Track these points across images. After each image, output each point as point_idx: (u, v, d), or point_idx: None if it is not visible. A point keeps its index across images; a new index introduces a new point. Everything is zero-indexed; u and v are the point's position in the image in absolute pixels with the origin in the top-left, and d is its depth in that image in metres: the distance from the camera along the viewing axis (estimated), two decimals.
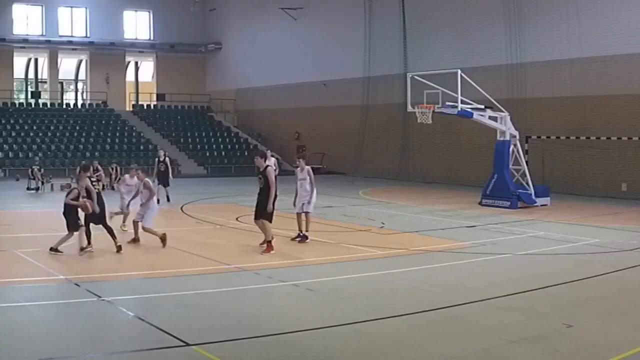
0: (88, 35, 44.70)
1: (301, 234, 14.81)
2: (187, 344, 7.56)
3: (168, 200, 22.39)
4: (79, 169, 14.74)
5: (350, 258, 13.25)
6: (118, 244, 13.24)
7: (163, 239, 13.97)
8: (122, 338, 7.84)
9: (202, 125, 44.84)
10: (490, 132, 23.65)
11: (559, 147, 26.87)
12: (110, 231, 13.44)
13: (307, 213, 14.76)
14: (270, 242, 13.45)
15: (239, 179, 33.99)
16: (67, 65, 47.20)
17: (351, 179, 32.48)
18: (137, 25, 47.03)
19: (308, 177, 14.77)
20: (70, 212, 13.15)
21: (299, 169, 15.03)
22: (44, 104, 43.09)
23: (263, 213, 13.43)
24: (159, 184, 22.02)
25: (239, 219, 18.16)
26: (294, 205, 14.95)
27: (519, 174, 22.59)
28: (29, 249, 13.08)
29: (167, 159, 23.30)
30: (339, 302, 9.70)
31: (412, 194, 26.90)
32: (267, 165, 13.92)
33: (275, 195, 13.65)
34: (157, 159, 23.29)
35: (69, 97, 47.65)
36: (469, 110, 21.46)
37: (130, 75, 48.69)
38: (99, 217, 13.52)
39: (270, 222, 13.51)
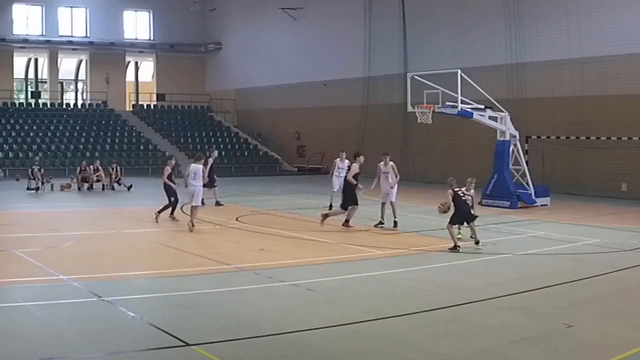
0: (88, 35, 44.70)
1: (383, 222, 16.89)
2: (187, 344, 7.56)
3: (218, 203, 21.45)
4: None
5: (350, 258, 13.25)
6: None
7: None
8: (122, 338, 7.83)
9: (202, 125, 44.84)
10: (490, 132, 23.65)
11: (559, 147, 26.87)
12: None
13: (392, 202, 16.92)
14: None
15: (239, 179, 34.02)
16: (67, 65, 47.20)
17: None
18: (137, 25, 47.03)
19: (392, 171, 16.97)
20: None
21: (382, 163, 17.16)
22: (44, 104, 43.09)
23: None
24: (212, 185, 21.04)
25: (239, 219, 18.16)
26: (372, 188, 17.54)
27: (519, 174, 22.59)
28: (29, 249, 13.08)
29: None
30: (339, 302, 9.70)
31: (412, 194, 26.86)
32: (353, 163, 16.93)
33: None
34: (213, 159, 21.69)
35: (69, 97, 47.66)
36: (469, 110, 21.45)
37: (130, 75, 48.69)
38: None
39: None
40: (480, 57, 29.38)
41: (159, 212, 17.57)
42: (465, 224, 14.63)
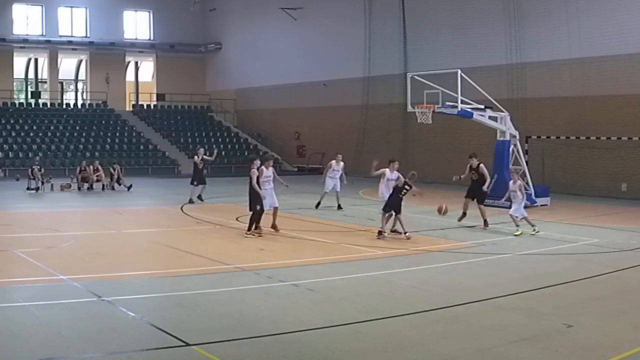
0: (88, 35, 44.70)
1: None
2: (187, 344, 7.56)
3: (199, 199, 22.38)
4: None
5: (350, 258, 13.25)
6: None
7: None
8: (122, 338, 7.83)
9: (202, 125, 44.84)
10: (490, 132, 23.64)
11: (559, 147, 26.87)
12: None
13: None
14: (486, 220, 17.27)
15: (239, 179, 33.98)
16: (67, 65, 47.19)
17: (351, 179, 32.40)
18: (137, 25, 47.03)
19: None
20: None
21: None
22: (44, 104, 43.08)
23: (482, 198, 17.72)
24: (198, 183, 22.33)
25: (239, 219, 18.15)
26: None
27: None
28: (29, 249, 13.08)
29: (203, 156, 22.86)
30: (339, 302, 9.70)
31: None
32: (479, 163, 17.91)
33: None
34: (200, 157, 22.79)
35: (69, 97, 47.65)
36: (469, 110, 21.45)
37: (130, 75, 48.69)
38: None
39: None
40: (480, 57, 29.37)
41: (250, 227, 15.49)
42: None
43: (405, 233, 15.24)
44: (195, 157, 22.98)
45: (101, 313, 8.89)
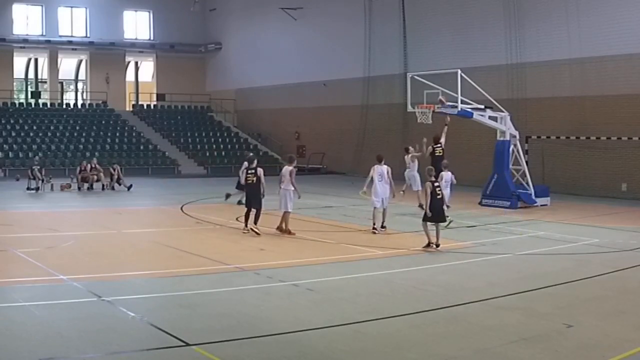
0: (88, 35, 44.70)
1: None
2: (187, 344, 7.56)
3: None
4: None
5: (350, 258, 13.25)
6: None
7: None
8: (122, 338, 7.83)
9: (202, 125, 44.85)
10: (490, 132, 23.64)
11: (559, 147, 26.87)
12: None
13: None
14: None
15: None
16: (67, 65, 47.20)
17: (351, 179, 32.42)
18: (137, 25, 47.04)
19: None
20: None
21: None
22: (44, 104, 43.08)
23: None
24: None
25: (239, 219, 18.14)
26: None
27: (519, 174, 22.59)
28: (29, 249, 13.08)
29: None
30: (339, 302, 9.70)
31: (412, 194, 26.86)
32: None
33: None
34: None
35: (69, 97, 47.66)
36: (469, 110, 21.45)
37: (130, 75, 48.70)
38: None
39: None
40: (480, 57, 29.37)
41: (255, 223, 15.57)
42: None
43: (432, 244, 14.08)
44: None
45: (101, 313, 8.89)
